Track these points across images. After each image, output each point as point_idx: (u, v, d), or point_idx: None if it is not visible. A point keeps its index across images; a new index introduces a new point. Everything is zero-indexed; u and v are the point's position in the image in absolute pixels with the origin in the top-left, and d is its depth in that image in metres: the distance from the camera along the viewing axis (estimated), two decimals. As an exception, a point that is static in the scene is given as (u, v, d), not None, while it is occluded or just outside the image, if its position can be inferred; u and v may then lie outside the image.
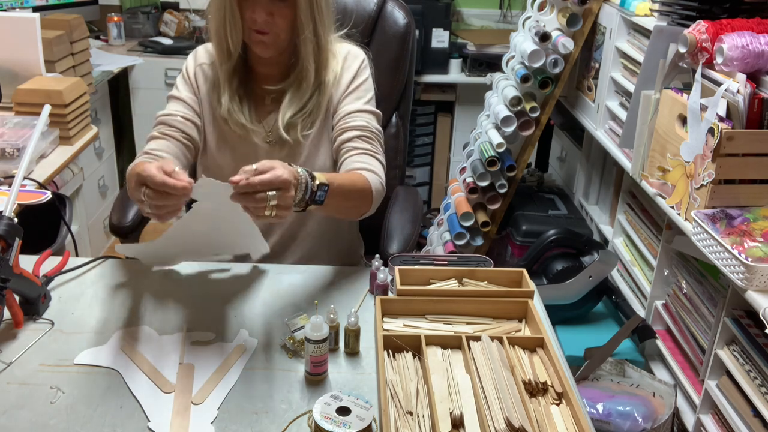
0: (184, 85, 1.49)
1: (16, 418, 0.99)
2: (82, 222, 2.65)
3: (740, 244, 1.38)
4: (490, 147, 2.36)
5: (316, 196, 1.17)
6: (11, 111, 1.96)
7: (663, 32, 1.78)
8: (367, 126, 1.44)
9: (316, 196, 1.17)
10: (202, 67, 1.49)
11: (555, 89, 2.33)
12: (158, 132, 1.43)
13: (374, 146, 1.43)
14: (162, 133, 1.43)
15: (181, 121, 1.44)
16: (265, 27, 1.34)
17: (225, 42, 1.39)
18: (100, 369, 1.10)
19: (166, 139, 1.42)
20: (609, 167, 2.49)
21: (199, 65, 1.50)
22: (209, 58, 1.49)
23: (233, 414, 1.02)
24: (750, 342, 1.48)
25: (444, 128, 3.44)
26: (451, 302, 1.23)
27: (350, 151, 1.41)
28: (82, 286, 1.32)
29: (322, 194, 1.18)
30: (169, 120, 1.44)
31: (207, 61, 1.49)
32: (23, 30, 2.04)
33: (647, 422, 1.75)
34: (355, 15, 1.71)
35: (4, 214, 1.14)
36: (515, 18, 3.50)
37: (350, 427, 0.93)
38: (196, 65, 1.50)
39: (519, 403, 1.00)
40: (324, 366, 1.08)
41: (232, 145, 1.48)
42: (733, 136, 1.46)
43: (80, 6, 3.19)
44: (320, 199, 1.18)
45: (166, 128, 1.43)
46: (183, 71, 1.51)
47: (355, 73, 1.48)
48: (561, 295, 2.07)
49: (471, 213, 2.43)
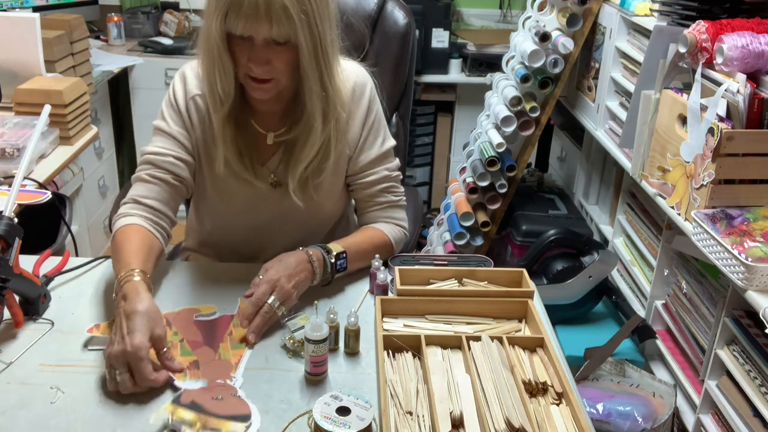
0: (174, 117, 1.34)
1: (16, 418, 0.99)
2: (82, 222, 2.65)
3: (740, 244, 1.38)
4: (490, 147, 2.36)
5: (337, 267, 1.27)
6: (11, 111, 1.96)
7: (663, 32, 1.78)
8: (389, 175, 1.41)
9: (337, 266, 1.27)
10: (195, 100, 1.33)
11: (555, 89, 2.33)
12: (146, 174, 1.30)
13: (396, 194, 1.44)
14: (150, 175, 1.30)
15: (171, 161, 1.31)
16: (265, 75, 1.20)
17: (215, 90, 1.24)
18: (100, 369, 1.09)
19: (155, 183, 1.30)
20: (609, 167, 2.49)
21: (192, 98, 1.33)
22: (201, 89, 1.32)
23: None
24: (750, 342, 1.48)
25: (444, 128, 3.44)
26: (451, 302, 1.23)
27: (374, 206, 1.42)
28: (82, 286, 1.32)
29: (343, 262, 1.28)
30: (158, 161, 1.30)
31: (200, 91, 1.32)
32: (23, 30, 2.04)
33: (647, 422, 1.75)
34: (356, 15, 1.71)
35: (4, 214, 1.14)
36: (515, 18, 3.50)
37: (350, 427, 0.93)
38: (187, 98, 1.33)
39: (519, 403, 1.00)
40: (324, 366, 1.08)
41: (232, 191, 1.36)
42: (733, 136, 1.46)
43: (80, 6, 3.19)
44: (342, 267, 1.28)
45: (155, 170, 1.30)
46: (170, 99, 1.35)
47: (366, 111, 1.37)
48: (561, 295, 2.07)
49: (471, 213, 2.43)
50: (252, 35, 1.16)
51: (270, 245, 1.43)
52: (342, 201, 1.47)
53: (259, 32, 1.15)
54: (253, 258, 1.47)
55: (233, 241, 1.47)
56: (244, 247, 1.47)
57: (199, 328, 1.20)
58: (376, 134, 1.40)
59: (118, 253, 1.20)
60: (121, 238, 1.23)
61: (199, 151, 1.36)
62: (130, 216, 1.28)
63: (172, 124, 1.33)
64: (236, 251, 1.49)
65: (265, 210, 1.39)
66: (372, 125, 1.38)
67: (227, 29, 1.16)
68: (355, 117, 1.36)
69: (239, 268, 1.38)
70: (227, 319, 1.22)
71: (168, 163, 1.31)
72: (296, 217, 1.39)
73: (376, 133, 1.40)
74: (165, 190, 1.31)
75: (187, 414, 0.98)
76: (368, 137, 1.38)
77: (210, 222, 1.47)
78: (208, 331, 1.19)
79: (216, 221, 1.45)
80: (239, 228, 1.44)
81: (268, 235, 1.43)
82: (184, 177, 1.33)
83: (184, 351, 1.14)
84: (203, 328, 1.20)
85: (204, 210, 1.45)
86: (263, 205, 1.38)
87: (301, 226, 1.43)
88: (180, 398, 1.02)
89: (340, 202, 1.46)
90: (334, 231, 1.51)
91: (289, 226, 1.42)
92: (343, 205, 1.49)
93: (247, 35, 1.16)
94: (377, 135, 1.40)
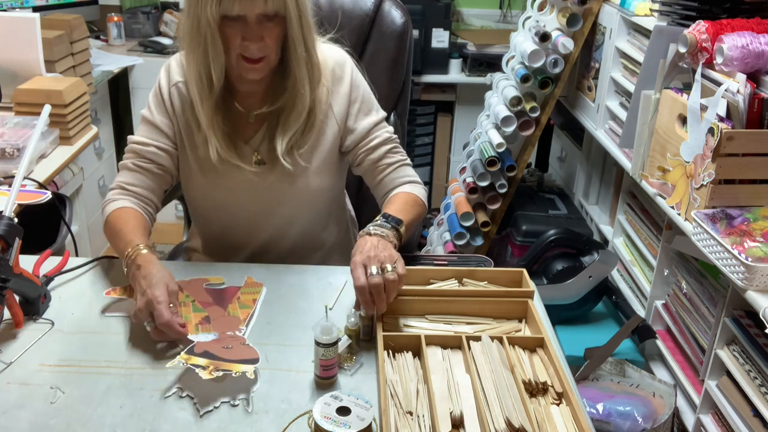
0: (158, 106, 1.39)
1: (16, 418, 0.99)
2: (82, 222, 2.65)
3: (740, 244, 1.38)
4: (490, 147, 2.36)
5: (391, 221, 1.28)
6: (11, 111, 1.96)
7: (663, 32, 1.78)
8: (390, 137, 1.45)
9: (391, 221, 1.28)
10: (178, 87, 1.38)
11: (555, 89, 2.33)
12: (131, 162, 1.38)
13: (403, 154, 1.48)
14: (135, 164, 1.37)
15: (154, 152, 1.37)
16: (259, 53, 1.25)
17: (207, 76, 1.28)
18: (100, 369, 1.10)
19: (139, 172, 1.37)
20: (609, 167, 2.49)
21: (174, 85, 1.38)
22: (184, 75, 1.37)
23: (233, 414, 1.02)
24: (750, 342, 1.48)
25: (444, 128, 3.44)
26: (451, 302, 1.23)
27: (386, 169, 1.44)
28: (82, 286, 1.32)
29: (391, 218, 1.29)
30: (142, 151, 1.37)
31: (182, 78, 1.38)
32: (23, 30, 2.04)
33: (647, 422, 1.75)
34: (352, 14, 1.71)
35: (4, 214, 1.14)
36: (515, 18, 3.50)
37: (350, 427, 0.93)
38: (170, 85, 1.38)
39: (519, 403, 1.00)
40: (333, 369, 1.08)
41: (218, 173, 1.39)
42: (733, 136, 1.46)
43: (80, 6, 3.19)
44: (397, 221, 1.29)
45: (139, 159, 1.38)
46: (156, 88, 1.40)
47: (350, 84, 1.41)
48: (561, 295, 2.07)
49: (471, 213, 2.43)
50: (246, 14, 1.21)
51: (261, 226, 1.46)
52: (331, 180, 1.46)
53: (254, 8, 1.20)
54: (246, 244, 1.48)
55: (225, 226, 1.48)
56: (236, 233, 1.48)
57: (209, 293, 1.29)
58: (369, 103, 1.44)
59: (118, 233, 1.29)
60: (117, 220, 1.32)
61: (182, 136, 1.40)
62: (119, 200, 1.36)
63: (156, 113, 1.39)
64: (228, 237, 1.49)
65: (252, 189, 1.41)
66: (362, 96, 1.43)
67: (222, 12, 1.21)
68: (338, 93, 1.40)
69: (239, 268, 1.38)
70: (234, 289, 1.31)
71: (151, 153, 1.38)
72: (284, 193, 1.41)
73: (369, 102, 1.44)
74: (149, 178, 1.38)
75: (200, 360, 1.07)
76: (361, 107, 1.43)
77: (201, 207, 1.48)
78: (218, 296, 1.29)
79: (206, 203, 1.46)
80: (229, 211, 1.45)
81: (259, 214, 1.44)
82: (166, 166, 1.40)
83: (196, 309, 1.24)
84: (213, 293, 1.29)
85: (193, 194, 1.47)
86: (249, 184, 1.40)
87: (291, 203, 1.43)
88: (193, 348, 1.10)
89: (328, 180, 1.45)
90: (327, 215, 1.51)
91: (279, 204, 1.43)
92: (333, 184, 1.48)
93: (242, 14, 1.21)
94: (370, 104, 1.45)
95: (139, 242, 1.24)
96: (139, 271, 1.18)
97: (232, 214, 1.45)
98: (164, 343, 1.15)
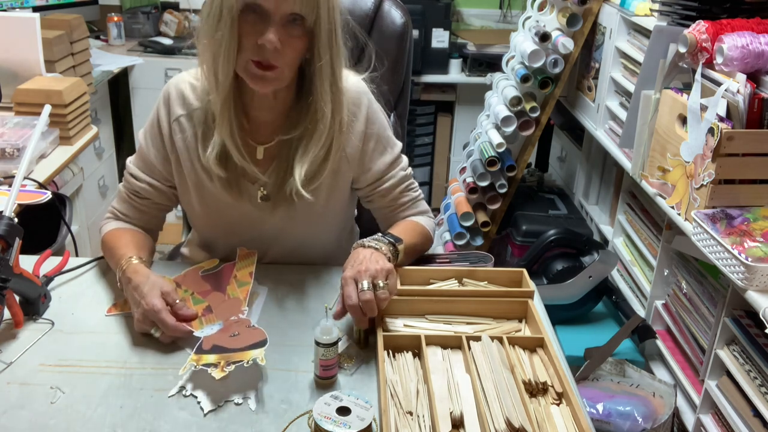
0: (154, 139, 1.31)
1: (16, 418, 0.99)
2: (82, 222, 2.65)
3: (740, 244, 1.38)
4: (490, 147, 2.36)
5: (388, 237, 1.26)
6: (11, 111, 1.96)
7: (663, 32, 1.78)
8: (405, 175, 1.40)
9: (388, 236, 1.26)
10: (180, 122, 1.29)
11: (555, 89, 2.34)
12: (125, 192, 1.35)
13: (416, 190, 1.43)
14: (128, 195, 1.35)
15: (146, 188, 1.34)
16: (273, 59, 1.13)
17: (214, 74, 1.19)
18: (100, 369, 1.10)
19: (132, 204, 1.36)
20: (609, 167, 2.49)
21: (176, 120, 1.29)
22: (185, 107, 1.28)
23: (233, 414, 1.02)
24: (750, 342, 1.48)
25: (444, 128, 3.44)
26: (451, 302, 1.23)
27: (400, 208, 1.41)
28: (82, 286, 1.32)
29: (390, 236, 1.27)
30: (135, 185, 1.34)
31: (183, 111, 1.28)
32: (23, 30, 2.04)
33: (647, 422, 1.75)
34: (352, 15, 1.70)
35: (4, 214, 1.14)
36: (515, 18, 3.50)
37: (350, 427, 0.93)
38: (171, 120, 1.29)
39: (519, 403, 1.00)
40: (333, 369, 1.08)
41: (219, 206, 1.34)
42: (733, 136, 1.46)
43: (80, 6, 3.19)
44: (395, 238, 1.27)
45: (132, 192, 1.35)
46: (154, 119, 1.31)
47: (365, 119, 1.32)
48: (561, 295, 2.07)
49: (471, 213, 2.43)
50: (271, 9, 1.11)
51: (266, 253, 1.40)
52: (342, 214, 1.43)
53: (284, 4, 1.11)
54: None
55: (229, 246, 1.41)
56: None
57: (206, 280, 1.30)
58: (385, 143, 1.36)
59: (111, 250, 1.29)
60: (112, 238, 1.32)
61: (181, 169, 1.32)
62: (114, 222, 1.38)
63: (151, 146, 1.32)
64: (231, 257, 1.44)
65: (256, 221, 1.36)
66: (377, 132, 1.34)
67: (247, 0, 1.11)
68: (352, 131, 1.31)
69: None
70: (230, 266, 1.32)
71: (143, 190, 1.35)
72: (292, 225, 1.37)
73: (385, 141, 1.36)
74: (142, 212, 1.38)
75: (210, 357, 1.07)
76: (377, 145, 1.35)
77: (202, 231, 1.46)
78: (216, 281, 1.29)
79: (206, 230, 1.44)
80: (231, 240, 1.40)
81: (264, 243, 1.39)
82: (159, 202, 1.38)
83: (196, 300, 1.25)
84: (210, 279, 1.30)
85: (194, 221, 1.44)
86: (253, 218, 1.35)
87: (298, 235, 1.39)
88: (201, 346, 1.10)
89: (339, 215, 1.42)
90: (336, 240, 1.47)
91: (285, 236, 1.39)
92: (343, 218, 1.45)
93: (268, 8, 1.11)
94: (386, 143, 1.37)
95: (131, 255, 1.23)
96: (130, 284, 1.18)
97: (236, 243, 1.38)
98: (168, 341, 1.15)
